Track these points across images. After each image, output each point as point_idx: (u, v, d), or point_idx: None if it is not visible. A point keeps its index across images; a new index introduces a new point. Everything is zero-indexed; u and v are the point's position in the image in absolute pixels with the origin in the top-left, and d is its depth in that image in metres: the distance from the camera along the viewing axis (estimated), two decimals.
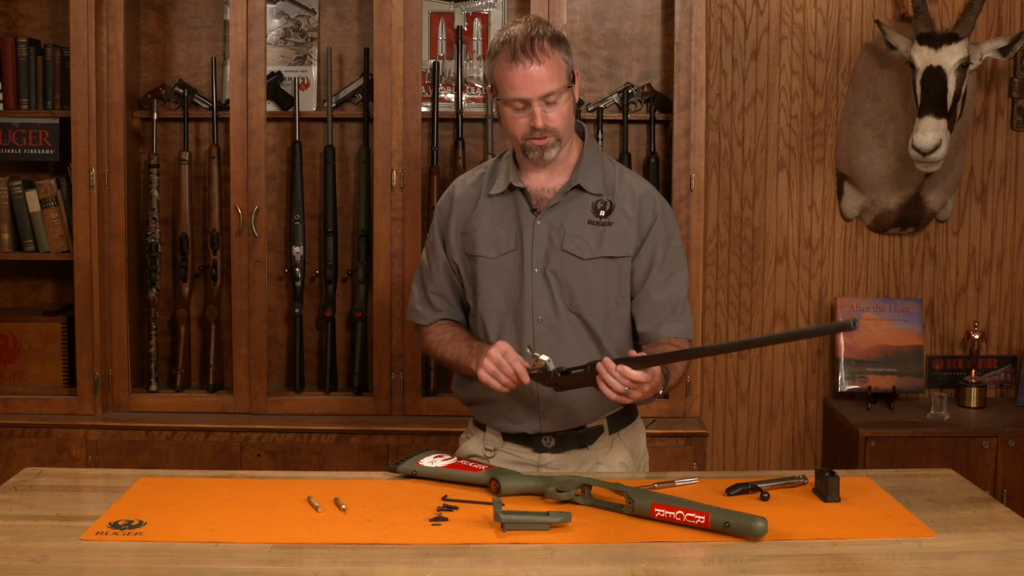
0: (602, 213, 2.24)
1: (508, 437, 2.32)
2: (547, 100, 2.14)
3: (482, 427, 2.37)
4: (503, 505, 1.94)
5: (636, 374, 2.01)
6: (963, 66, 3.20)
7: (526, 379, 2.11)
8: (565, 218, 2.24)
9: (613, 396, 2.03)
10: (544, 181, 2.26)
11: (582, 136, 2.31)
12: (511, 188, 2.26)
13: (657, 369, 2.06)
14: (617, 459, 2.33)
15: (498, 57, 2.16)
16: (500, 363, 2.11)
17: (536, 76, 2.12)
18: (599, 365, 2.03)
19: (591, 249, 2.23)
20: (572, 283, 2.24)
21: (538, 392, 2.23)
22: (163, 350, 3.50)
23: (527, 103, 2.14)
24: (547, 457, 2.30)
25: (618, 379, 2.01)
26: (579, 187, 2.25)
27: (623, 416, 2.35)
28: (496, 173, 2.30)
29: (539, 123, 2.14)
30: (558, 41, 2.16)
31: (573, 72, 2.20)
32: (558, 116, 2.16)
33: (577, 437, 2.30)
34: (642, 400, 2.11)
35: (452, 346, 2.30)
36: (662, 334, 2.27)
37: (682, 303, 2.30)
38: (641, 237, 2.26)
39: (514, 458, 2.31)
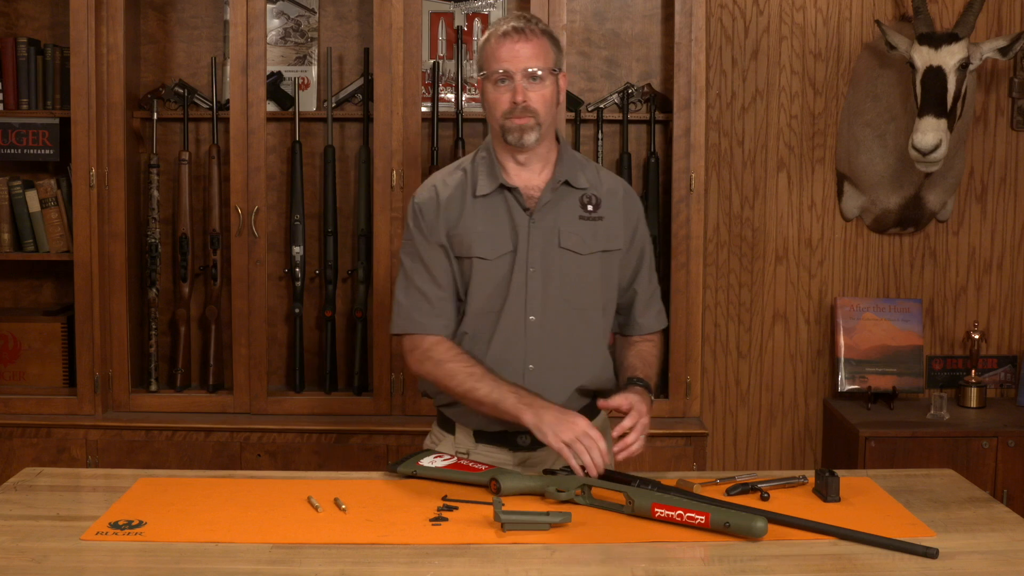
0: (590, 208, 2.27)
1: (481, 437, 2.29)
2: (530, 76, 2.17)
3: (450, 430, 2.33)
4: (503, 505, 1.94)
5: (627, 426, 2.14)
6: (963, 66, 3.20)
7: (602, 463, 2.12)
8: (558, 215, 2.25)
9: (636, 445, 2.14)
10: (527, 179, 2.26)
11: (557, 140, 2.33)
12: (500, 188, 2.25)
13: (637, 399, 2.16)
14: None
15: (488, 38, 2.22)
16: (590, 447, 2.09)
17: (522, 51, 2.17)
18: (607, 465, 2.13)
19: (588, 244, 2.26)
20: (572, 280, 2.25)
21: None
22: (163, 350, 3.50)
23: (510, 76, 2.17)
24: (523, 455, 2.28)
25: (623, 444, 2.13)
26: (567, 183, 2.26)
27: (591, 409, 2.35)
28: (477, 173, 2.27)
29: (519, 96, 2.16)
30: (550, 34, 2.23)
31: (561, 68, 2.24)
32: (539, 98, 2.18)
33: None
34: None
35: (485, 386, 2.16)
36: (657, 325, 2.40)
37: (658, 293, 2.42)
38: (630, 232, 2.32)
39: (489, 459, 2.26)
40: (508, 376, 2.22)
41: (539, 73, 2.17)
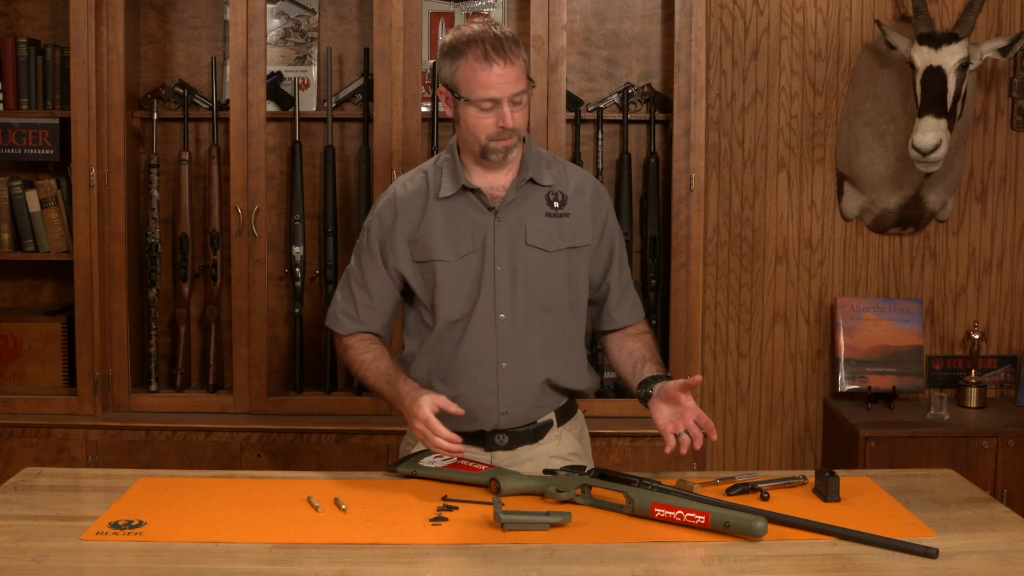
0: (556, 204, 2.27)
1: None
2: (514, 100, 2.17)
3: None
4: (503, 505, 1.94)
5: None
6: (963, 66, 3.20)
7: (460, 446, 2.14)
8: (523, 213, 2.25)
9: (702, 438, 2.14)
10: (492, 179, 2.27)
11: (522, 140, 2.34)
12: (463, 189, 2.25)
13: (691, 402, 2.18)
14: (567, 449, 2.35)
15: (465, 57, 2.15)
16: (424, 434, 2.13)
17: (508, 76, 2.15)
18: (682, 436, 2.15)
19: (555, 241, 2.26)
20: (539, 277, 2.25)
21: (498, 388, 2.25)
22: (163, 350, 3.50)
23: (497, 103, 2.15)
24: (500, 455, 2.29)
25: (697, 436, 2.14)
26: (532, 180, 2.26)
27: (567, 408, 2.37)
28: (440, 176, 2.27)
29: (509, 123, 2.16)
30: (519, 43, 2.21)
31: (532, 80, 2.25)
32: (522, 117, 2.19)
33: (530, 433, 2.31)
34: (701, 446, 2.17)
35: (372, 374, 2.28)
36: (632, 319, 2.37)
37: (632, 287, 2.41)
38: (599, 227, 2.32)
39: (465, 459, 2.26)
40: (482, 375, 2.25)
41: (522, 95, 2.18)
